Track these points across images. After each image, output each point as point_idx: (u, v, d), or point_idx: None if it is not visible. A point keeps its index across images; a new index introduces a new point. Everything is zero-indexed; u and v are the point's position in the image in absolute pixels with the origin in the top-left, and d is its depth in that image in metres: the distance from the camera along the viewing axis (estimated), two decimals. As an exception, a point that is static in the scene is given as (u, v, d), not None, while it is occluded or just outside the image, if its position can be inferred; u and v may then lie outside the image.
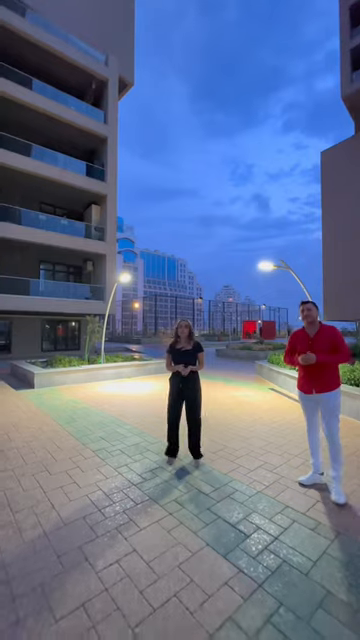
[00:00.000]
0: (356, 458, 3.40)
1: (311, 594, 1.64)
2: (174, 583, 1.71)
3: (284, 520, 2.28)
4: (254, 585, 1.70)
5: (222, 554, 1.93)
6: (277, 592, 1.65)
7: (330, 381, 2.67)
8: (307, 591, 1.66)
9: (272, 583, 1.71)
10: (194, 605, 1.57)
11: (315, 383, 2.69)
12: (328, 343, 2.67)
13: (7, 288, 13.22)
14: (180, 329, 3.27)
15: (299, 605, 1.58)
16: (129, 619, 1.49)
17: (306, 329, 2.82)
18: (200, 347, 3.30)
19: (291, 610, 1.55)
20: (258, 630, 1.44)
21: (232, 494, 2.63)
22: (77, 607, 1.56)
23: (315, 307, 2.80)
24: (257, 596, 1.63)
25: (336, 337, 2.69)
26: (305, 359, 2.63)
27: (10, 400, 6.01)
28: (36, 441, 3.87)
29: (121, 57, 17.52)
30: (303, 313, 2.80)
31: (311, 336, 2.76)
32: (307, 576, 1.76)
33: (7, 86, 12.62)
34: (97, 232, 15.73)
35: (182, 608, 1.55)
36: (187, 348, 3.24)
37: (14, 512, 2.37)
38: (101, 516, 2.32)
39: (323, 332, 2.74)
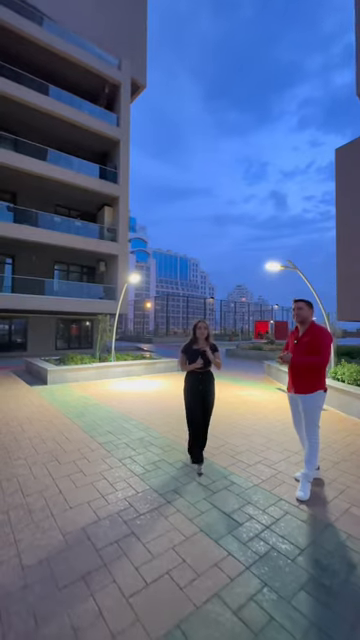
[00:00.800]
0: (357, 457, 3.44)
1: (295, 577, 1.75)
2: (167, 562, 1.85)
3: (277, 511, 2.38)
4: (242, 567, 1.82)
5: (214, 539, 2.06)
6: (263, 574, 1.77)
7: (309, 383, 2.65)
8: (291, 575, 1.77)
9: (259, 566, 1.83)
10: (184, 582, 1.71)
11: (295, 383, 2.72)
12: (311, 344, 2.64)
13: (23, 288, 13.71)
14: (199, 330, 3.15)
15: (282, 586, 1.69)
16: (124, 590, 1.65)
17: (298, 328, 2.82)
18: (216, 348, 3.19)
19: (274, 590, 1.66)
20: (241, 606, 1.56)
21: (229, 486, 2.75)
22: (78, 579, 1.73)
23: (307, 306, 2.74)
24: (244, 577, 1.75)
25: (319, 338, 2.64)
26: (282, 357, 2.67)
27: (24, 395, 6.30)
28: (47, 433, 4.09)
29: (133, 60, 17.79)
30: (294, 312, 2.77)
31: (300, 335, 2.76)
32: (293, 562, 1.87)
33: (25, 93, 13.06)
34: (110, 233, 16.06)
35: (173, 584, 1.69)
36: (205, 349, 3.11)
37: (25, 495, 2.57)
38: (104, 502, 2.49)
39: (309, 333, 2.71)
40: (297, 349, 2.69)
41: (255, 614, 1.52)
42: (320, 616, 1.51)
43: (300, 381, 2.68)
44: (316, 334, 2.66)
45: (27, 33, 13.17)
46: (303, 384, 2.67)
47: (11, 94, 12.76)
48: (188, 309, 37.86)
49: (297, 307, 2.75)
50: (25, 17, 13.28)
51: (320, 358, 2.58)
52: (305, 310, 2.72)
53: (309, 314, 2.75)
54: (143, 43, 19.80)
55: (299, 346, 2.70)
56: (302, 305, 2.74)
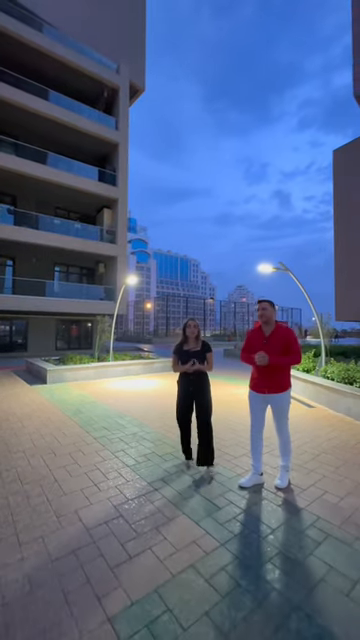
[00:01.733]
0: (339, 450, 3.62)
1: (264, 552, 1.95)
2: (150, 540, 2.05)
3: (255, 497, 2.58)
4: (217, 544, 2.02)
5: (195, 521, 2.25)
6: (235, 549, 1.97)
7: (282, 382, 2.73)
8: (261, 550, 1.97)
9: (233, 543, 2.03)
10: (164, 555, 1.91)
11: (268, 383, 2.72)
12: (281, 344, 2.69)
13: (24, 289, 13.94)
14: (189, 329, 3.12)
15: (251, 559, 1.89)
16: (109, 562, 1.85)
17: (262, 328, 2.82)
18: (209, 347, 3.14)
19: (244, 562, 1.86)
20: (213, 574, 1.76)
21: (214, 476, 2.94)
22: (70, 552, 1.93)
23: (271, 306, 2.79)
24: (218, 552, 1.95)
25: (289, 338, 2.71)
26: (260, 359, 2.63)
27: (25, 394, 6.51)
28: (45, 429, 4.30)
29: (132, 63, 18.03)
30: (258, 312, 2.80)
31: (266, 335, 2.77)
32: (264, 539, 2.07)
33: (25, 98, 13.30)
34: (109, 235, 16.28)
35: (154, 557, 1.89)
36: (196, 349, 3.09)
37: (23, 484, 2.77)
38: (96, 489, 2.69)
39: (278, 332, 2.75)
40: (268, 349, 2.68)
41: (224, 581, 1.72)
42: (282, 582, 1.71)
43: (274, 381, 2.72)
44: (286, 334, 2.74)
45: (27, 39, 13.40)
46: (277, 383, 2.72)
47: (11, 99, 13.00)
48: (188, 310, 38.04)
49: (262, 307, 2.78)
50: (25, 23, 13.52)
51: (296, 357, 2.68)
52: (269, 310, 2.77)
53: (273, 314, 2.80)
54: (142, 47, 20.05)
55: (270, 346, 2.70)
56: (266, 305, 2.77)
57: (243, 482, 2.77)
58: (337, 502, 2.51)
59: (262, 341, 2.77)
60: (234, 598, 1.61)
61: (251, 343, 2.86)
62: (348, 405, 5.04)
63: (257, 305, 2.85)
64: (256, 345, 2.78)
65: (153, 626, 1.45)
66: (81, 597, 1.61)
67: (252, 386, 2.89)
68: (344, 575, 1.77)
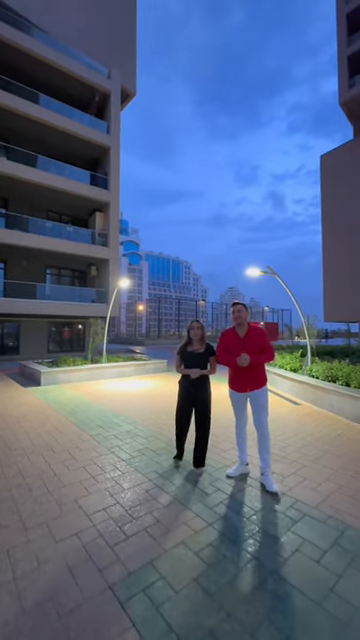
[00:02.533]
0: (320, 443, 3.89)
1: (247, 530, 2.18)
2: (145, 522, 2.26)
3: (240, 485, 2.81)
4: (205, 524, 2.24)
5: (186, 505, 2.48)
6: (221, 528, 2.19)
7: (260, 379, 2.88)
8: (245, 528, 2.20)
9: (219, 523, 2.25)
10: (158, 534, 2.12)
11: (248, 382, 2.85)
12: (256, 343, 2.83)
13: (15, 292, 13.94)
14: (193, 331, 3.15)
15: (236, 535, 2.12)
16: (108, 541, 2.05)
17: (236, 329, 2.94)
18: (213, 350, 3.15)
19: (229, 538, 2.09)
20: (201, 549, 1.98)
21: (204, 468, 3.16)
22: (72, 535, 2.12)
23: (245, 309, 2.93)
24: (206, 530, 2.17)
25: (263, 338, 2.87)
26: (242, 360, 2.72)
27: (20, 396, 6.62)
28: (42, 428, 4.45)
29: (123, 68, 18.24)
30: (234, 314, 2.91)
31: (241, 336, 2.88)
32: (248, 519, 2.30)
33: (15, 101, 13.36)
34: (101, 238, 16.41)
35: (148, 536, 2.10)
36: (200, 351, 3.12)
37: (25, 477, 2.95)
38: (94, 481, 2.88)
39: (252, 333, 2.88)
40: (245, 349, 2.80)
41: (211, 554, 1.94)
42: (261, 553, 1.94)
43: (254, 378, 2.86)
44: (259, 334, 2.89)
45: (17, 43, 13.48)
46: (257, 381, 2.87)
47: (1, 102, 13.04)
48: (179, 311, 38.32)
49: (237, 310, 2.91)
50: (15, 27, 13.60)
51: (270, 355, 2.87)
52: (244, 312, 2.90)
53: (247, 315, 2.94)
54: (133, 52, 20.26)
55: (246, 346, 2.82)
56: (241, 308, 2.92)
57: (230, 472, 2.97)
58: (315, 487, 2.76)
59: (238, 342, 2.87)
60: (219, 567, 1.83)
61: (227, 345, 2.94)
62: (331, 402, 5.34)
63: (232, 308, 2.96)
64: (233, 346, 2.88)
65: (149, 590, 1.67)
66: (84, 570, 1.81)
67: (233, 386, 2.98)
68: (316, 546, 2.01)
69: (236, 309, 2.92)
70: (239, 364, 2.76)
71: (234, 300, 37.58)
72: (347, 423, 4.70)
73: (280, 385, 7.13)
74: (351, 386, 5.32)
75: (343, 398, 5.05)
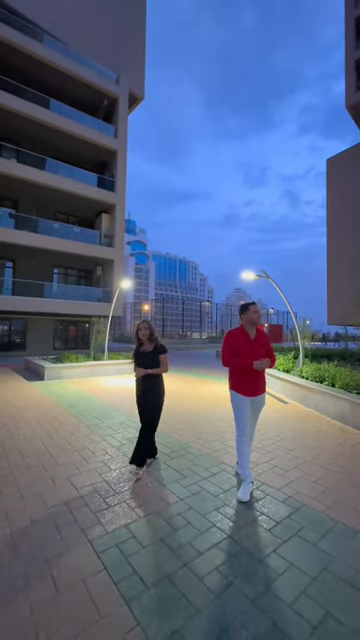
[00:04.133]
0: (298, 437, 4.17)
1: (213, 504, 2.50)
2: (126, 496, 2.60)
3: (215, 469, 3.13)
4: (178, 499, 2.56)
5: (163, 484, 2.80)
6: (191, 503, 2.51)
7: (265, 382, 2.88)
8: (212, 503, 2.51)
9: (190, 499, 2.57)
10: (135, 505, 2.46)
11: (260, 386, 2.77)
12: (265, 347, 2.80)
13: (23, 290, 14.45)
14: (140, 331, 3.12)
15: (203, 509, 2.43)
16: (93, 509, 2.39)
17: (247, 330, 2.80)
18: (163, 348, 3.16)
19: (197, 511, 2.40)
20: (171, 517, 2.31)
21: (185, 455, 3.49)
22: (62, 503, 2.47)
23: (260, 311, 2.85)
24: (178, 504, 2.49)
25: (268, 341, 2.85)
26: (260, 365, 2.59)
27: (24, 389, 7.03)
28: (43, 418, 4.83)
29: (132, 73, 18.66)
30: (255, 314, 2.77)
31: (252, 338, 2.77)
32: (216, 497, 2.61)
33: (26, 107, 13.87)
34: (106, 239, 16.84)
35: (127, 506, 2.44)
36: (148, 350, 3.11)
37: (24, 458, 3.31)
38: (85, 463, 3.23)
39: (261, 336, 2.82)
40: (256, 351, 2.71)
41: (179, 522, 2.26)
42: (223, 523, 2.26)
43: (262, 382, 2.82)
44: (266, 337, 2.85)
45: (29, 50, 13.98)
46: (264, 384, 2.85)
47: (14, 108, 13.56)
48: (184, 312, 38.64)
49: (258, 310, 2.82)
50: (27, 35, 14.10)
51: (275, 359, 2.83)
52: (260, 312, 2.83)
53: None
54: (141, 56, 20.66)
55: (257, 349, 2.73)
56: (259, 308, 2.83)
57: (242, 497, 2.54)
58: (282, 473, 3.06)
59: (249, 344, 2.75)
60: (184, 530, 2.16)
61: (238, 346, 2.75)
62: (316, 401, 5.60)
63: (250, 307, 2.81)
64: (243, 347, 2.73)
65: (121, 545, 2.00)
66: (69, 529, 2.15)
67: (242, 390, 2.75)
68: (271, 519, 2.32)
69: (257, 309, 2.80)
70: (257, 368, 2.61)
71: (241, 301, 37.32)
72: (328, 421, 4.96)
73: (272, 385, 7.40)
74: (336, 386, 5.57)
75: (327, 398, 5.31)
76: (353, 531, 2.19)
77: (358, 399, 4.65)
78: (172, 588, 1.68)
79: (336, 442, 3.98)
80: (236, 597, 1.63)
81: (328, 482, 2.89)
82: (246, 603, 1.59)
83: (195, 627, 1.46)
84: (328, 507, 2.48)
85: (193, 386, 7.83)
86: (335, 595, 1.66)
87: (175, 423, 4.66)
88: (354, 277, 22.16)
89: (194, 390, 7.30)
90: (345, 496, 2.65)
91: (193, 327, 57.42)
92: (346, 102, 22.92)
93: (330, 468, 3.20)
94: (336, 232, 24.29)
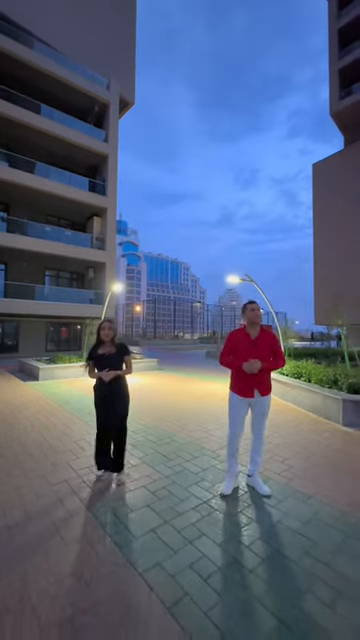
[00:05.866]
0: (274, 427, 4.63)
1: (194, 480, 2.93)
2: (119, 475, 3.00)
3: (197, 453, 3.57)
4: (163, 476, 2.99)
5: (150, 465, 3.23)
6: (175, 479, 2.94)
7: (269, 384, 2.75)
8: (192, 479, 2.95)
9: (174, 476, 3.00)
10: (128, 481, 2.87)
11: (259, 386, 2.67)
12: (269, 348, 2.68)
13: (15, 293, 14.65)
14: (103, 331, 2.88)
15: (185, 483, 2.87)
16: (89, 485, 2.80)
17: (248, 330, 2.73)
18: (126, 350, 3.00)
19: (179, 485, 2.83)
20: (156, 490, 2.73)
21: (170, 442, 3.92)
22: (63, 481, 2.87)
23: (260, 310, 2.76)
24: (162, 480, 2.92)
25: (275, 342, 2.72)
26: (250, 367, 2.54)
27: (20, 388, 7.35)
28: (40, 414, 5.19)
29: (122, 78, 19.03)
30: (252, 312, 2.70)
31: (253, 338, 2.69)
32: (196, 475, 3.05)
33: (17, 112, 14.09)
34: (98, 242, 17.16)
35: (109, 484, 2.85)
36: (111, 352, 2.91)
37: (26, 447, 3.69)
38: (82, 451, 3.63)
39: (265, 336, 2.70)
40: (258, 352, 2.63)
41: (163, 493, 2.69)
42: (200, 494, 2.69)
43: (266, 383, 2.71)
44: (272, 337, 2.74)
45: (20, 56, 14.21)
46: (268, 385, 2.74)
47: (4, 113, 13.76)
48: (176, 312, 39.10)
49: (256, 308, 2.73)
50: (17, 40, 14.31)
51: (282, 361, 2.73)
52: (260, 311, 2.75)
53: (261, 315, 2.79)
54: (132, 62, 21.03)
55: (259, 349, 2.65)
56: (257, 306, 2.74)
57: (225, 490, 2.69)
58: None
59: (250, 344, 2.67)
60: (167, 499, 2.59)
61: (237, 346, 2.72)
62: (293, 395, 6.10)
63: (247, 306, 2.75)
64: (244, 348, 2.67)
65: (115, 510, 2.42)
66: (70, 500, 2.56)
67: (238, 391, 2.74)
68: (240, 489, 2.76)
69: (253, 307, 2.72)
70: (246, 370, 2.57)
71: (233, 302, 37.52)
72: (302, 412, 5.46)
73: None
74: (312, 382, 6.09)
75: (302, 392, 5.81)
76: (307, 496, 2.65)
77: (328, 393, 5.15)
78: (154, 537, 2.11)
79: (305, 429, 4.47)
80: (205, 543, 2.07)
81: (293, 461, 3.36)
82: (214, 547, 2.03)
83: (171, 561, 1.89)
84: (290, 480, 2.95)
85: (181, 383, 8.27)
86: (283, 539, 2.11)
87: (163, 416, 5.08)
88: (338, 280, 22.97)
89: (182, 387, 7.74)
90: (305, 471, 3.12)
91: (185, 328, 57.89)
92: (330, 110, 23.76)
93: (296, 450, 3.68)
94: (322, 235, 25.09)
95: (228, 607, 1.58)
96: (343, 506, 2.51)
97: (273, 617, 1.52)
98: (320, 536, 2.13)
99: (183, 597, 1.63)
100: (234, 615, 1.53)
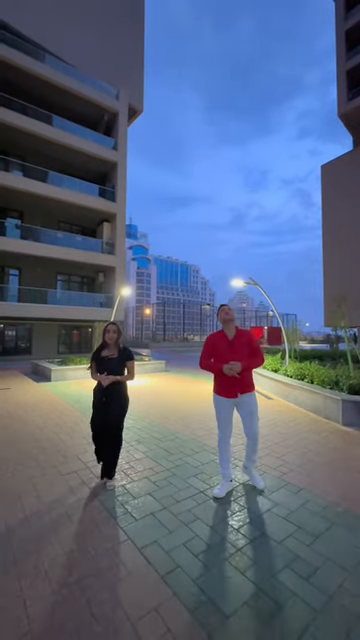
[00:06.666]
0: (272, 426, 4.80)
1: (192, 471, 3.15)
2: (124, 467, 3.25)
3: (197, 448, 3.78)
4: (164, 469, 3.22)
5: (153, 459, 3.46)
6: (176, 471, 3.17)
7: (250, 383, 2.79)
8: (191, 471, 3.17)
9: (175, 469, 3.22)
10: (130, 473, 3.11)
11: (239, 386, 2.72)
12: (247, 347, 2.75)
13: (28, 298, 15.20)
14: (108, 334, 2.90)
15: (184, 475, 3.08)
16: (97, 476, 3.05)
17: (225, 331, 2.82)
18: (129, 354, 2.97)
19: (179, 476, 3.05)
20: (157, 480, 2.96)
21: (173, 439, 4.14)
22: (72, 472, 3.13)
23: (233, 310, 2.88)
24: (164, 472, 3.15)
25: (252, 341, 2.80)
26: (229, 370, 2.59)
27: (33, 389, 7.71)
28: (52, 412, 5.50)
29: (131, 87, 19.52)
30: (222, 314, 2.81)
31: (230, 339, 2.77)
32: (195, 468, 3.26)
33: (31, 124, 14.70)
34: (108, 247, 17.60)
35: (124, 474, 3.10)
36: (113, 356, 2.91)
37: (39, 442, 3.98)
38: (90, 446, 3.82)
39: (241, 335, 2.79)
40: (236, 352, 2.70)
41: (164, 483, 2.92)
42: (198, 484, 2.91)
43: (244, 383, 2.75)
44: (249, 337, 2.81)
45: (32, 70, 14.83)
46: (248, 384, 2.78)
47: (19, 125, 14.40)
48: (185, 315, 39.33)
49: (226, 309, 2.84)
50: (30, 55, 14.95)
51: (260, 358, 2.78)
52: (233, 311, 2.85)
53: (234, 316, 2.89)
54: (140, 70, 21.52)
55: (236, 350, 2.72)
56: (229, 308, 2.87)
57: (218, 493, 2.70)
58: (253, 452, 3.69)
59: (227, 345, 2.75)
60: (167, 488, 2.81)
61: (214, 348, 2.79)
62: (296, 396, 6.23)
63: (220, 308, 2.90)
64: (221, 350, 2.75)
65: (119, 497, 2.66)
66: (79, 489, 2.81)
67: (220, 392, 2.80)
68: (236, 481, 2.96)
69: (224, 308, 2.86)
70: (227, 373, 2.62)
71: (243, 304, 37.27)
72: (303, 412, 5.59)
73: (261, 383, 8.03)
74: (314, 383, 6.20)
75: (304, 393, 5.94)
76: (298, 488, 2.83)
77: (329, 393, 5.28)
78: (153, 520, 2.34)
79: (305, 429, 4.61)
80: (199, 526, 2.28)
81: (288, 457, 3.53)
82: (206, 529, 2.24)
83: (167, 540, 2.11)
84: (284, 474, 3.13)
85: (186, 385, 8.48)
86: (270, 524, 2.30)
87: (168, 415, 5.31)
88: (346, 282, 22.76)
89: (187, 388, 7.95)
90: (300, 466, 3.29)
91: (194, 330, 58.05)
92: (338, 110, 23.69)
93: (293, 447, 3.84)
94: (331, 237, 24.93)
95: (214, 577, 1.79)
96: (334, 498, 2.67)
97: (253, 584, 1.72)
98: (306, 523, 2.31)
99: (175, 569, 1.85)
100: (218, 583, 1.74)
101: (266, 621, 1.51)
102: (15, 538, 2.14)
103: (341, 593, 1.67)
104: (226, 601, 1.62)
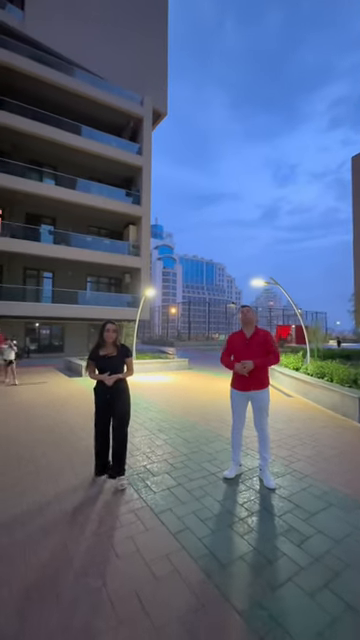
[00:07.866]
0: (290, 422, 4.98)
1: (206, 457, 3.47)
2: (146, 450, 3.65)
3: (213, 438, 4.10)
4: (182, 454, 3.57)
5: (173, 446, 3.83)
6: (192, 456, 3.51)
7: (264, 380, 2.96)
8: (206, 457, 3.49)
9: (191, 454, 3.57)
10: (152, 455, 3.50)
11: (252, 381, 2.90)
12: (263, 346, 2.92)
13: (61, 298, 16.22)
14: (107, 333, 2.93)
15: (199, 459, 3.42)
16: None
17: (244, 330, 3.03)
18: (128, 352, 3.07)
19: (194, 461, 3.39)
20: (175, 462, 3.32)
21: (192, 430, 4.48)
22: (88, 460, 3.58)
23: (252, 311, 3.07)
24: (182, 457, 3.51)
25: (268, 340, 2.96)
26: (241, 368, 2.82)
27: (66, 383, 8.41)
28: (84, 404, 6.06)
29: (155, 91, 20.01)
30: (242, 314, 3.03)
31: (247, 337, 2.98)
32: (209, 454, 3.58)
33: (63, 135, 15.65)
34: (134, 249, 18.27)
35: (145, 456, 3.49)
36: (112, 354, 2.97)
37: (71, 427, 4.51)
38: (116, 432, 4.34)
39: (258, 334, 2.98)
40: (251, 349, 2.91)
41: (180, 465, 3.27)
42: (211, 467, 3.23)
43: (258, 379, 2.91)
44: (265, 336, 2.99)
45: (62, 84, 15.77)
46: (261, 381, 2.95)
47: (53, 138, 15.37)
48: (210, 314, 39.43)
49: (245, 311, 3.05)
50: (61, 71, 15.89)
51: (274, 357, 2.92)
52: (251, 313, 3.04)
53: (254, 317, 3.06)
54: (164, 75, 21.97)
55: (252, 347, 2.92)
56: (249, 309, 3.06)
57: (227, 473, 3.00)
58: (265, 443, 3.94)
59: (244, 342, 2.97)
60: (182, 469, 3.17)
61: (233, 345, 3.04)
62: (315, 394, 6.32)
63: (240, 310, 3.12)
64: (239, 346, 2.99)
65: (140, 474, 3.06)
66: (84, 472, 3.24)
67: (235, 385, 3.05)
68: (245, 466, 3.24)
69: (243, 310, 3.08)
70: (238, 371, 2.86)
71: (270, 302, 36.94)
72: (321, 410, 5.70)
73: (281, 381, 8.14)
74: (334, 381, 6.26)
75: (323, 391, 6.02)
76: (303, 475, 3.06)
77: (347, 391, 5.35)
78: (169, 493, 2.70)
79: (320, 425, 4.76)
80: (208, 500, 2.61)
81: (299, 449, 3.75)
82: (214, 502, 2.57)
83: (179, 509, 2.47)
84: (292, 462, 3.36)
85: (207, 382, 8.79)
86: (272, 501, 2.57)
87: (189, 409, 5.66)
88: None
89: (208, 385, 8.25)
90: (309, 457, 3.50)
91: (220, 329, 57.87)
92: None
93: (305, 441, 4.04)
94: (362, 231, 23.94)
95: (217, 537, 2.11)
96: (336, 485, 2.88)
97: (249, 545, 2.03)
98: (305, 503, 2.56)
99: (184, 529, 2.20)
100: (220, 541, 2.07)
101: (256, 570, 1.81)
102: (57, 502, 2.60)
103: (326, 556, 1.93)
104: (225, 555, 1.94)
